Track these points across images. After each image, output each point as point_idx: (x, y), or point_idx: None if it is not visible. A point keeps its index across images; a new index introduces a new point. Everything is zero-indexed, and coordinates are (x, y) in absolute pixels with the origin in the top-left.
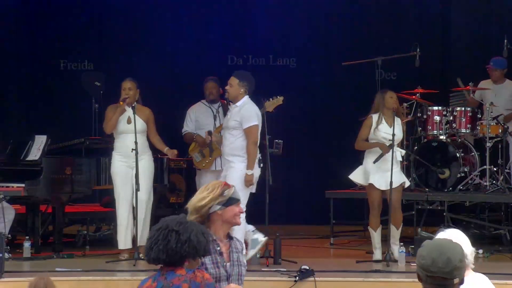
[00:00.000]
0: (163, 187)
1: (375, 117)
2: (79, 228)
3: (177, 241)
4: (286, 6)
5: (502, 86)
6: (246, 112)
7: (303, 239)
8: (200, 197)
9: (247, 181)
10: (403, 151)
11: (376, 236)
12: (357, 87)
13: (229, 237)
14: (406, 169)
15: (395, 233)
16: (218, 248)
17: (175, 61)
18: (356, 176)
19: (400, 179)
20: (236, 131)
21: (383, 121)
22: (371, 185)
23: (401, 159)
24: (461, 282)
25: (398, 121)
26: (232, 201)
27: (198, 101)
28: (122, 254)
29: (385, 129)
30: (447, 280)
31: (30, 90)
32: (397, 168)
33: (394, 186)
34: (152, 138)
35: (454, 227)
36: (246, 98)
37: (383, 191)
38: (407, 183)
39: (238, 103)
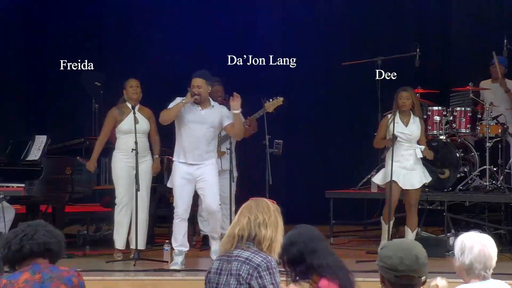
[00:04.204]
0: (163, 187)
1: (390, 116)
2: (79, 228)
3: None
4: (286, 6)
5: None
6: (226, 111)
7: None
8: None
9: None
10: (423, 147)
11: (385, 229)
12: (357, 87)
13: None
14: None
15: (410, 236)
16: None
17: (175, 61)
18: (378, 179)
19: (422, 179)
20: (216, 130)
21: (398, 119)
22: (393, 182)
23: (421, 156)
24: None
25: (415, 120)
26: None
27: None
28: (117, 254)
29: (399, 127)
30: (415, 278)
31: (30, 90)
32: (419, 167)
33: (416, 187)
34: (152, 137)
35: (480, 231)
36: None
37: (402, 191)
38: (427, 180)
39: (212, 103)
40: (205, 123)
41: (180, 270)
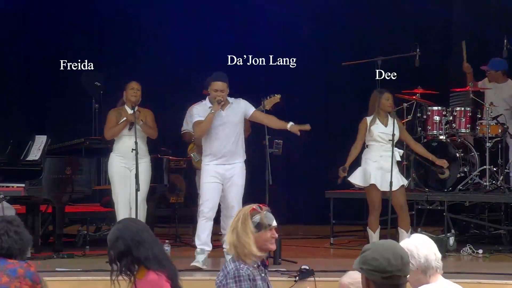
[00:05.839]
0: (163, 187)
1: (369, 119)
2: (79, 228)
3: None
4: (286, 6)
5: (502, 86)
6: (244, 102)
7: (303, 239)
8: (231, 232)
9: None
10: (401, 151)
11: (374, 237)
12: (357, 87)
13: (263, 265)
14: (406, 169)
15: (405, 236)
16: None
17: (175, 61)
18: (356, 178)
19: (399, 181)
20: (240, 125)
21: (378, 121)
22: (372, 186)
23: (399, 159)
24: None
25: (392, 121)
26: (262, 226)
27: (198, 101)
28: None
29: (380, 128)
30: (401, 277)
31: (30, 90)
32: (396, 169)
33: (394, 188)
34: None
35: (423, 233)
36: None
37: (383, 192)
38: (404, 183)
39: (231, 100)
40: (228, 123)
41: (201, 268)
